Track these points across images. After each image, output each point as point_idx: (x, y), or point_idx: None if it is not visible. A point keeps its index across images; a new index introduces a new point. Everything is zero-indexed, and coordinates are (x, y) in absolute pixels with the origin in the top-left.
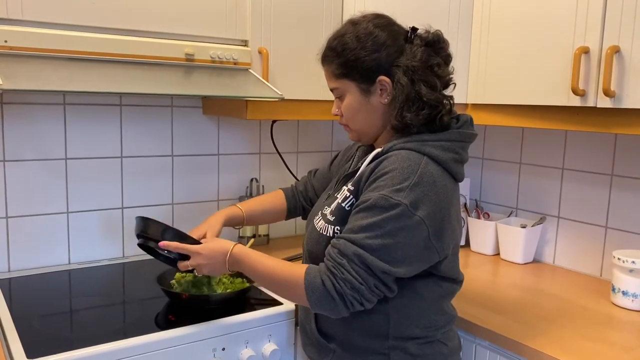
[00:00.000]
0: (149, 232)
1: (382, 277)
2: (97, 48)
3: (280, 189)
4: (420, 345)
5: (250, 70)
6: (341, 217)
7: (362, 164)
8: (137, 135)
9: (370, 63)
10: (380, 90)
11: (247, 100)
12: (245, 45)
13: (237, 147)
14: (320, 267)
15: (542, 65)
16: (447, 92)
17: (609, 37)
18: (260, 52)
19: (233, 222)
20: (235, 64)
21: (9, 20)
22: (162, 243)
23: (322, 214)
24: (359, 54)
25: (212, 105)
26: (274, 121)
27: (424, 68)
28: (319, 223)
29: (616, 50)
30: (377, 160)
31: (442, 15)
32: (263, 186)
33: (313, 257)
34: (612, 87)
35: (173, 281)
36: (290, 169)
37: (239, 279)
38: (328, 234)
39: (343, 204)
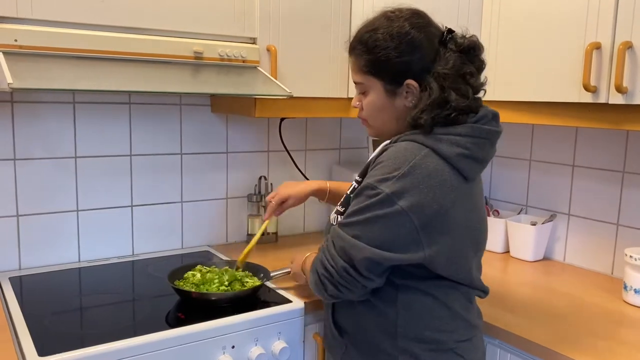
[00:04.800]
0: None
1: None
2: (106, 46)
3: None
4: (430, 352)
5: (258, 68)
6: (347, 204)
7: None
8: (146, 134)
9: (401, 66)
10: (407, 93)
11: (255, 98)
12: (253, 43)
13: (246, 145)
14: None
15: (553, 62)
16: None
17: (621, 32)
18: (268, 50)
19: (319, 195)
20: (243, 61)
21: (19, 19)
22: None
23: (336, 207)
24: (390, 54)
25: (220, 103)
26: (282, 119)
27: (456, 76)
28: (332, 215)
29: (628, 46)
30: (380, 150)
31: (451, 13)
32: (272, 184)
33: None
34: (624, 83)
35: (183, 278)
36: (299, 166)
37: (252, 277)
38: (335, 223)
39: (348, 192)
